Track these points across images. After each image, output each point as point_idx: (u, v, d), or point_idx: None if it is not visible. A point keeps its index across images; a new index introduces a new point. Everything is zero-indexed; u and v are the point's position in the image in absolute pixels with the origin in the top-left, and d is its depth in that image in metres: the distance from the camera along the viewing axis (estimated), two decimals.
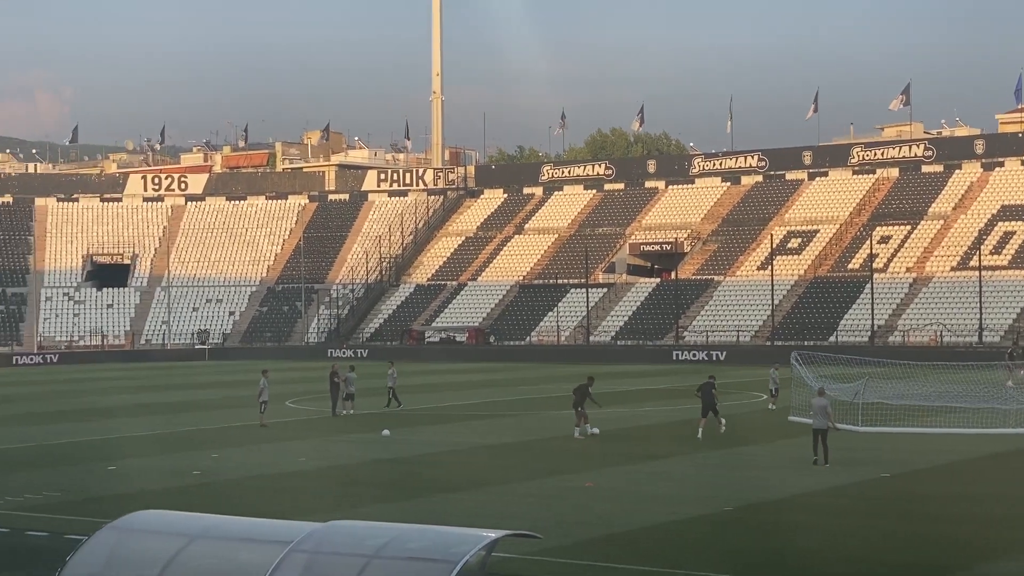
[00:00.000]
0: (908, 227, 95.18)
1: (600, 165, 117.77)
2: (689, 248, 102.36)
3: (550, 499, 26.22)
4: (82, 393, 61.81)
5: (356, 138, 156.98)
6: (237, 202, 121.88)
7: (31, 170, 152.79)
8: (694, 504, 25.43)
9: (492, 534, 14.06)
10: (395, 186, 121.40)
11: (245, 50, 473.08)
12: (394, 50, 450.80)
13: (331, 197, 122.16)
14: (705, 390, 37.26)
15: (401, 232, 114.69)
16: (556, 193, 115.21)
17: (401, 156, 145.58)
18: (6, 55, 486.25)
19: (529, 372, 73.58)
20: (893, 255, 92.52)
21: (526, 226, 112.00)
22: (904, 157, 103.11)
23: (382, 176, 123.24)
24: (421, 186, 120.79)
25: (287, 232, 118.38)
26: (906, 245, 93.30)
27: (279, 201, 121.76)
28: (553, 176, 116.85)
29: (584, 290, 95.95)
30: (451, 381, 66.02)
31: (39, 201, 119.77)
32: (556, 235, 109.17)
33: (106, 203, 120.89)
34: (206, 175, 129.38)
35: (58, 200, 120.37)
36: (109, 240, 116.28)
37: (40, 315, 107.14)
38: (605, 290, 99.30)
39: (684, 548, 21.28)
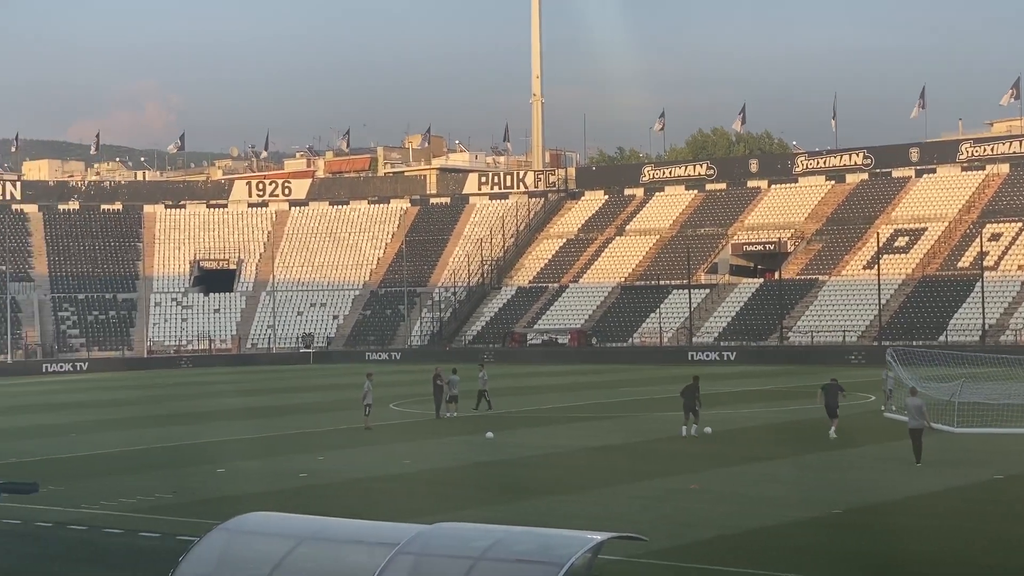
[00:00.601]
0: (1020, 224, 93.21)
1: (701, 165, 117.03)
2: (793, 248, 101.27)
3: (655, 501, 26.07)
4: (191, 397, 62.88)
5: (457, 141, 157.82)
6: (340, 207, 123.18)
7: (140, 178, 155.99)
8: (802, 507, 25.10)
9: (598, 536, 14.01)
10: (496, 189, 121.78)
11: (346, 56, 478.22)
12: (494, 53, 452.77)
13: (432, 200, 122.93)
14: (829, 391, 36.89)
15: (502, 235, 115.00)
16: (657, 194, 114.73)
17: (501, 159, 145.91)
18: (116, 66, 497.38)
19: (632, 374, 73.29)
20: (1004, 252, 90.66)
21: (627, 227, 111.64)
22: (1015, 152, 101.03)
23: (483, 179, 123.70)
24: (522, 188, 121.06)
25: (389, 236, 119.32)
26: (1018, 242, 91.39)
27: (381, 205, 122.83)
28: (654, 177, 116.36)
29: (686, 291, 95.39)
30: (554, 383, 65.98)
31: (148, 208, 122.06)
32: (658, 236, 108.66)
33: (212, 209, 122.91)
34: (309, 180, 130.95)
35: (166, 207, 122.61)
36: (215, 246, 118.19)
37: (150, 320, 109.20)
38: (708, 291, 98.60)
39: (792, 551, 20.98)
